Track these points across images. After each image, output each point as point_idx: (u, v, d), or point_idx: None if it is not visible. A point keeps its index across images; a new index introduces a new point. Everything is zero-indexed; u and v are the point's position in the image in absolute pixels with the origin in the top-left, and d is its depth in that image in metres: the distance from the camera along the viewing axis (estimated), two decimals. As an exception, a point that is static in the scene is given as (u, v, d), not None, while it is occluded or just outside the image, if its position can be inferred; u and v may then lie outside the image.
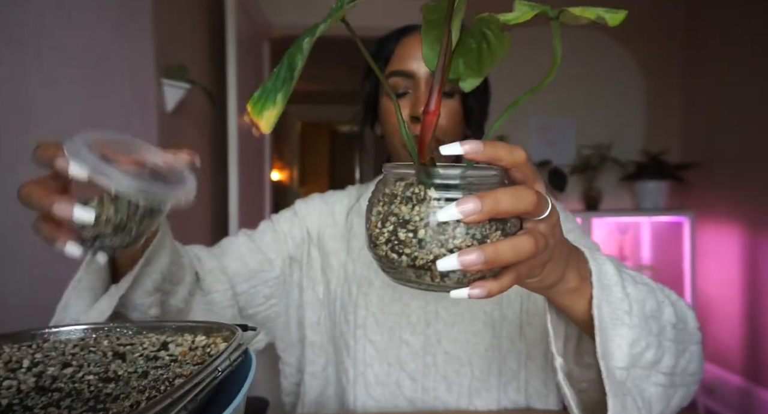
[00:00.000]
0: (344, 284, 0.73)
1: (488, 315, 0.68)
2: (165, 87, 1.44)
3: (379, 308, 0.70)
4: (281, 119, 1.33)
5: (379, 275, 0.71)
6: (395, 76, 0.68)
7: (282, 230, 0.77)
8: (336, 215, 0.78)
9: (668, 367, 0.44)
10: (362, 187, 0.84)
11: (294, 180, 5.79)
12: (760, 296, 2.15)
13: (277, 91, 0.30)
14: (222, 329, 0.47)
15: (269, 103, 0.30)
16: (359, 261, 0.73)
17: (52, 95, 0.90)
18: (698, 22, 2.56)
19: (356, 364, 0.70)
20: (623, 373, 0.41)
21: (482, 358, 0.68)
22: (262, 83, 0.31)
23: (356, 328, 0.70)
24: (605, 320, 0.40)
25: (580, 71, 2.62)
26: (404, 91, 0.68)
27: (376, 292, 0.71)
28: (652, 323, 0.43)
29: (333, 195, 0.82)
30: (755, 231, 2.18)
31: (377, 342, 0.70)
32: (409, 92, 0.68)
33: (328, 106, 5.60)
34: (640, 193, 2.49)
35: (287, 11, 2.50)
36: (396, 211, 0.32)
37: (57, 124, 0.91)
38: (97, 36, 1.05)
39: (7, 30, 0.78)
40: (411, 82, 0.67)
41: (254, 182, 2.15)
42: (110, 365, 0.39)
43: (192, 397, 0.34)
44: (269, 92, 0.30)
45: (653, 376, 0.43)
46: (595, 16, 0.34)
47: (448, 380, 0.68)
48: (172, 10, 1.53)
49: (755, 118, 2.18)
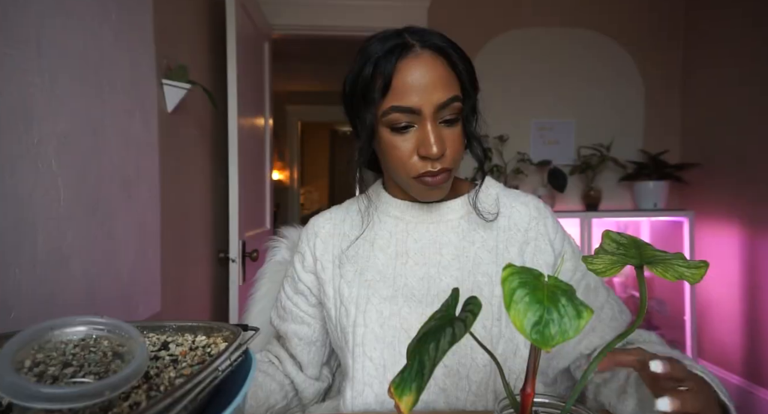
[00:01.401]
0: (340, 307, 0.73)
1: (487, 330, 0.67)
2: (165, 87, 1.44)
3: (378, 324, 0.69)
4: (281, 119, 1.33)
5: (377, 293, 0.71)
6: (398, 112, 0.64)
7: (307, 288, 0.80)
8: (325, 243, 0.79)
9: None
10: (343, 208, 0.83)
11: (294, 180, 5.79)
12: (760, 296, 2.15)
13: (412, 381, 0.36)
14: (222, 329, 0.47)
15: (407, 390, 0.36)
16: (355, 283, 0.73)
17: (52, 95, 0.90)
18: (698, 22, 2.56)
19: (355, 385, 0.69)
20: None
21: (480, 372, 0.67)
22: (401, 371, 0.37)
23: (355, 346, 0.70)
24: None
25: (580, 71, 2.63)
26: (406, 125, 0.65)
27: (375, 307, 0.70)
28: None
29: (315, 223, 0.82)
30: (754, 231, 2.18)
31: (376, 359, 0.69)
32: (413, 126, 0.66)
33: (328, 106, 5.60)
34: (640, 193, 2.49)
35: (287, 11, 2.51)
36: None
37: (57, 124, 0.91)
38: (97, 36, 1.05)
39: (7, 30, 0.78)
40: (415, 117, 0.65)
41: (254, 182, 2.15)
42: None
43: (192, 397, 0.34)
44: (406, 381, 0.36)
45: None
46: (677, 277, 0.41)
47: (447, 393, 0.67)
48: (172, 10, 1.53)
49: (755, 119, 2.18)
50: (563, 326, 0.33)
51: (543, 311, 0.34)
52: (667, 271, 0.40)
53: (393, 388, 0.36)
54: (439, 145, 0.64)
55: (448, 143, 0.66)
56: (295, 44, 3.64)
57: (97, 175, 1.05)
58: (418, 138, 0.65)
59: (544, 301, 0.34)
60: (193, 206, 1.73)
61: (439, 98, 0.64)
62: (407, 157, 0.66)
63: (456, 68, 0.67)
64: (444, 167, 0.66)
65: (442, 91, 0.64)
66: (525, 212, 0.76)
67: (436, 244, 0.73)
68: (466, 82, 0.68)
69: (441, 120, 0.66)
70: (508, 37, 2.59)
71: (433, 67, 0.64)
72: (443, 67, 0.65)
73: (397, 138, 0.66)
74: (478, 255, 0.72)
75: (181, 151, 1.61)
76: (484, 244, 0.73)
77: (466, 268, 0.71)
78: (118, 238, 1.12)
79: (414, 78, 0.64)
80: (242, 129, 1.91)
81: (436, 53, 0.66)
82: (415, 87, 0.63)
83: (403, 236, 0.75)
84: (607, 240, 0.45)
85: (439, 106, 0.64)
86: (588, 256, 0.44)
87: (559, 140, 2.64)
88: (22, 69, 0.82)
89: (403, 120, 0.65)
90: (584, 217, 2.41)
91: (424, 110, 0.64)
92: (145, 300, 1.27)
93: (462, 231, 0.74)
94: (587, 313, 0.33)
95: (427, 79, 0.63)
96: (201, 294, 1.83)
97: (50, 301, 0.87)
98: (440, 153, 0.64)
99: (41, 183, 0.86)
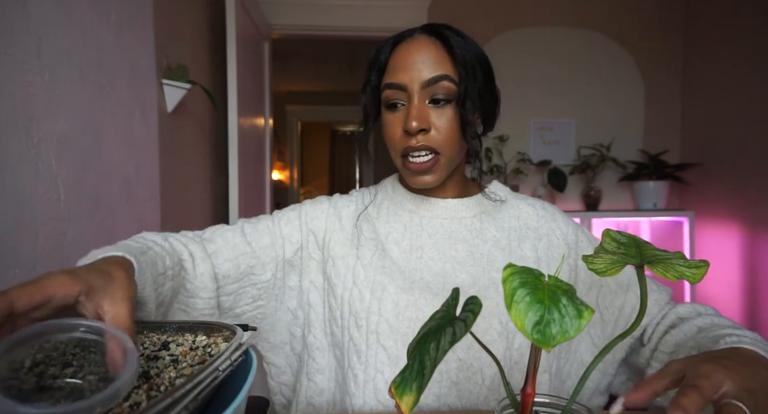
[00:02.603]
0: (353, 289, 0.72)
1: (503, 326, 0.67)
2: (165, 87, 1.44)
3: (393, 314, 0.69)
4: (281, 119, 1.33)
5: (394, 281, 0.70)
6: (388, 89, 0.68)
7: (281, 233, 0.76)
8: (343, 220, 0.78)
9: None
10: (366, 192, 0.83)
11: (294, 180, 5.79)
12: (760, 296, 2.15)
13: (413, 382, 0.36)
14: (222, 329, 0.47)
15: (407, 390, 0.36)
16: (371, 267, 0.72)
17: (52, 95, 0.90)
18: (698, 22, 2.56)
19: (367, 369, 0.69)
20: None
21: (493, 366, 0.67)
22: (401, 371, 0.37)
23: (369, 333, 0.69)
24: None
25: (580, 71, 2.63)
26: (397, 102, 0.68)
27: (391, 297, 0.69)
28: None
29: (340, 199, 0.81)
30: (754, 230, 2.18)
31: (390, 348, 0.68)
32: (403, 104, 0.68)
33: (328, 106, 5.60)
34: (640, 193, 2.50)
35: (287, 11, 2.51)
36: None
37: (57, 124, 0.91)
38: (97, 36, 1.05)
39: (7, 30, 0.78)
40: (404, 94, 0.67)
41: (254, 182, 2.15)
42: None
43: (193, 397, 0.34)
44: (407, 381, 0.36)
45: None
46: (677, 277, 0.40)
47: (459, 387, 0.67)
48: (172, 10, 1.53)
49: (754, 119, 2.18)
50: (564, 326, 0.33)
51: (544, 311, 0.34)
52: (667, 271, 0.40)
53: (393, 388, 0.36)
54: (418, 120, 0.65)
55: (434, 122, 0.67)
56: (295, 44, 3.64)
57: (97, 175, 1.05)
58: (403, 114, 0.68)
59: (545, 301, 0.34)
60: (193, 206, 1.73)
61: (425, 75, 0.66)
62: (396, 135, 0.69)
63: (452, 51, 0.68)
64: (426, 145, 0.67)
65: (429, 68, 0.66)
66: (533, 212, 0.78)
67: (450, 240, 0.74)
68: (463, 66, 0.67)
69: (430, 99, 0.67)
70: (507, 37, 2.59)
71: (425, 48, 0.67)
72: (436, 49, 0.67)
73: (389, 116, 0.70)
74: (491, 252, 0.73)
75: (181, 151, 1.61)
76: (497, 243, 0.74)
77: (480, 265, 0.71)
78: (118, 237, 1.12)
79: (404, 56, 0.67)
80: (242, 129, 1.91)
81: (432, 37, 0.68)
82: (404, 64, 0.67)
83: (417, 230, 0.75)
84: (607, 239, 0.45)
85: (424, 82, 0.66)
86: (588, 256, 0.44)
87: (559, 140, 2.64)
88: (22, 69, 0.82)
89: (392, 97, 0.68)
90: (584, 217, 2.41)
91: (411, 86, 0.66)
92: (145, 300, 1.27)
93: (475, 229, 0.75)
94: (588, 313, 0.33)
95: (416, 57, 0.67)
96: (201, 294, 1.83)
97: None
98: (418, 127, 0.65)
99: (41, 183, 0.86)
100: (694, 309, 0.68)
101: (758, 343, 0.52)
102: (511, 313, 0.34)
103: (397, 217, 0.77)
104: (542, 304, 0.34)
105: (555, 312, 0.33)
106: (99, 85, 1.06)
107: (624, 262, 0.42)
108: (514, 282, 0.36)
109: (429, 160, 0.68)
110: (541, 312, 0.34)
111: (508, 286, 0.36)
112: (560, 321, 0.33)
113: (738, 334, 0.55)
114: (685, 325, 0.65)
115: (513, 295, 0.35)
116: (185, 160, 1.65)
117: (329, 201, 0.80)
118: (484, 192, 0.79)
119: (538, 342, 0.32)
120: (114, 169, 1.12)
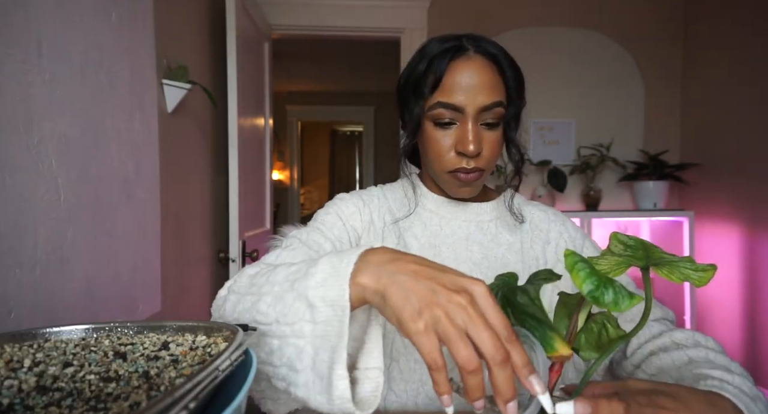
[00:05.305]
0: None
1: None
2: (165, 87, 1.44)
3: None
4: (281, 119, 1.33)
5: None
6: (443, 108, 0.69)
7: (336, 237, 0.76)
8: (373, 216, 0.80)
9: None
10: (388, 188, 0.86)
11: (294, 180, 5.78)
12: (760, 296, 2.15)
13: (544, 333, 0.42)
14: (222, 329, 0.47)
15: (551, 342, 0.41)
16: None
17: (52, 95, 0.90)
18: (698, 23, 2.56)
19: (383, 358, 0.69)
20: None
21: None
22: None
23: (385, 322, 0.70)
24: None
25: (579, 71, 2.63)
26: (449, 121, 0.70)
27: None
28: None
29: (366, 194, 0.83)
30: (754, 231, 2.18)
31: (404, 338, 0.69)
32: (455, 124, 0.70)
33: (328, 106, 5.60)
34: (640, 193, 2.49)
35: (287, 11, 2.50)
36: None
37: (57, 124, 0.91)
38: (97, 36, 1.05)
39: (7, 30, 0.78)
40: (458, 115, 0.70)
41: (254, 182, 2.15)
42: (111, 365, 0.39)
43: (193, 397, 0.34)
44: (543, 337, 0.42)
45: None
46: (682, 279, 0.42)
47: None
48: (172, 10, 1.53)
49: (754, 119, 2.18)
50: (617, 299, 0.38)
51: (600, 284, 0.39)
52: (672, 273, 0.41)
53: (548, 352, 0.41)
54: (476, 144, 0.68)
55: (485, 145, 0.71)
56: (295, 44, 3.64)
57: (97, 175, 1.05)
58: (458, 135, 0.70)
59: (601, 279, 0.40)
60: (193, 206, 1.73)
61: (483, 101, 0.68)
62: (445, 152, 0.71)
63: (504, 75, 0.71)
64: (477, 166, 0.71)
65: (487, 94, 0.68)
66: (544, 217, 0.82)
67: (467, 242, 0.77)
68: (513, 90, 0.72)
69: (482, 122, 0.70)
70: (507, 37, 2.59)
71: (483, 71, 0.69)
72: (492, 73, 0.70)
73: (438, 132, 0.71)
74: (505, 256, 0.76)
75: (181, 151, 1.61)
76: (510, 246, 0.77)
77: (494, 267, 0.74)
78: (118, 238, 1.12)
79: (463, 78, 0.68)
80: (242, 129, 1.91)
81: (487, 59, 0.70)
82: (463, 87, 0.68)
83: (436, 230, 0.78)
84: (614, 241, 0.46)
85: (482, 108, 0.69)
86: (593, 257, 0.44)
87: (558, 140, 2.64)
88: (22, 69, 0.82)
89: (446, 116, 0.70)
90: (584, 217, 2.41)
91: (468, 109, 0.68)
92: (145, 300, 1.27)
93: (490, 233, 0.78)
94: (638, 299, 0.38)
95: (475, 80, 0.68)
96: (201, 294, 1.83)
97: (50, 301, 0.87)
98: (476, 151, 0.69)
99: (41, 183, 0.86)
100: (692, 337, 0.66)
101: (740, 394, 0.48)
102: (572, 274, 0.40)
103: (416, 216, 0.80)
104: (599, 280, 0.39)
105: (610, 289, 0.39)
106: (99, 85, 1.06)
107: (629, 264, 0.42)
108: (576, 258, 0.41)
109: (476, 175, 0.72)
110: (597, 283, 0.39)
111: (570, 259, 0.41)
112: (614, 295, 0.39)
113: (722, 379, 0.51)
114: (677, 352, 0.64)
115: (575, 264, 0.41)
116: (185, 160, 1.65)
117: (359, 198, 0.82)
118: (505, 203, 0.82)
119: (592, 301, 0.39)
120: (114, 169, 1.12)
